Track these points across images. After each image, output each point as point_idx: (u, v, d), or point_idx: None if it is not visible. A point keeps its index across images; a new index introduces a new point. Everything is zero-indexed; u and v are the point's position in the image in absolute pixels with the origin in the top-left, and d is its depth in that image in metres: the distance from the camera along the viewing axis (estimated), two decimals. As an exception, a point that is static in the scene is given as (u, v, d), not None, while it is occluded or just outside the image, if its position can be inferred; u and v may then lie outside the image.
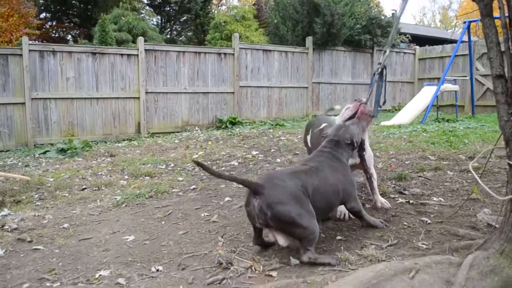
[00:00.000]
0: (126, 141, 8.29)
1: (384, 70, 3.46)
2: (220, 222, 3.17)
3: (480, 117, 9.61)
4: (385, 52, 3.57)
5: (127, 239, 2.90)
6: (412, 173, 4.30)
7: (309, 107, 11.39)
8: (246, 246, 2.68)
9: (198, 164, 2.38)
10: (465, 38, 9.09)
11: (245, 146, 6.89)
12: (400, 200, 3.39)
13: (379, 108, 3.49)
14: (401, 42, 12.93)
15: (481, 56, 12.17)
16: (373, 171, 3.24)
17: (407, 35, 13.62)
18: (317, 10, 10.62)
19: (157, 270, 2.34)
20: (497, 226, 2.50)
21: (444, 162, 4.74)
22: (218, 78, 9.70)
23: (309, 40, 10.96)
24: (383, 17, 12.13)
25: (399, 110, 12.72)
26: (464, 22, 8.90)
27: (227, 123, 9.44)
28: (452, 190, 3.60)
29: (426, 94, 9.11)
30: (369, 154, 3.24)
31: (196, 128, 9.24)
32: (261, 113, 10.57)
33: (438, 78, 12.95)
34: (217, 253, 2.56)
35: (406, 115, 8.75)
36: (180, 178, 4.70)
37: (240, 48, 9.85)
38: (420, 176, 4.13)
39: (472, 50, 9.12)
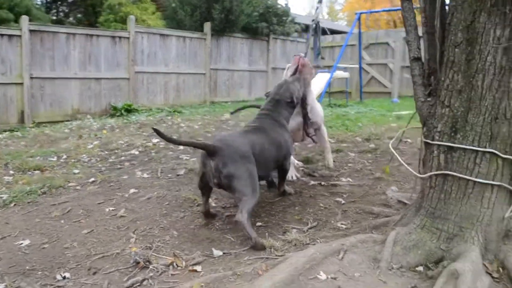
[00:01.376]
0: (7, 132, 7.29)
1: (317, 25, 3.64)
2: (128, 217, 2.89)
3: (367, 103, 10.34)
4: (317, 8, 3.74)
5: (22, 244, 2.48)
6: (317, 156, 4.39)
7: (207, 94, 11.19)
8: (162, 240, 2.46)
9: (155, 130, 2.39)
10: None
11: (144, 134, 6.49)
12: (312, 182, 3.42)
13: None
14: (295, 31, 13.34)
15: (367, 46, 13.12)
16: (323, 127, 3.34)
17: (301, 24, 14.09)
18: (215, -5, 10.42)
19: (64, 278, 2.02)
20: (408, 202, 2.64)
21: (344, 144, 4.95)
22: (112, 63, 9.00)
23: (207, 26, 10.72)
24: (279, 6, 12.36)
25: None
26: (356, 14, 9.44)
27: (122, 111, 8.84)
28: (356, 170, 3.74)
29: (320, 81, 9.50)
30: (316, 108, 3.34)
31: (88, 116, 8.49)
32: (158, 99, 10.11)
33: (329, 66, 13.70)
34: (131, 251, 2.31)
35: (303, 101, 9.05)
36: (76, 171, 4.22)
37: (136, 31, 9.25)
38: (335, 161, 4.24)
39: (361, 41, 9.72)
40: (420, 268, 1.88)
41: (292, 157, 3.68)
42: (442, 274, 1.70)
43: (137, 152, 5.11)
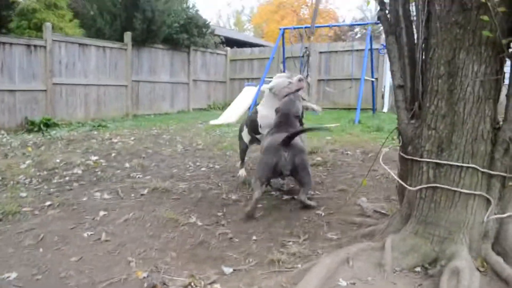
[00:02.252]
0: None
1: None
2: (113, 241, 2.85)
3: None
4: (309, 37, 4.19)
5: (9, 277, 2.34)
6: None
7: (129, 107, 10.93)
8: (164, 262, 2.51)
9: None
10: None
11: (78, 151, 6.21)
12: (285, 196, 3.66)
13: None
14: (215, 43, 13.57)
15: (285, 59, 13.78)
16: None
17: (220, 37, 14.36)
18: (136, 4, 10.24)
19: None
20: (384, 212, 3.00)
21: None
22: (27, 73, 8.39)
23: (127, 35, 10.48)
24: (200, 18, 12.50)
25: (214, 108, 13.42)
26: (280, 29, 9.96)
27: (41, 125, 8.30)
28: (318, 183, 4.06)
29: (247, 94, 9.84)
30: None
31: (2, 131, 7.82)
32: (78, 113, 9.64)
33: (248, 79, 14.14)
34: (137, 275, 2.32)
35: (232, 114, 9.28)
36: (23, 194, 3.97)
37: (53, 40, 8.73)
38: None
39: (285, 54, 10.27)
40: (418, 269, 2.20)
41: None
42: (444, 272, 2.03)
43: (80, 171, 4.92)
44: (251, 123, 4.17)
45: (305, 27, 9.39)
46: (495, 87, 2.16)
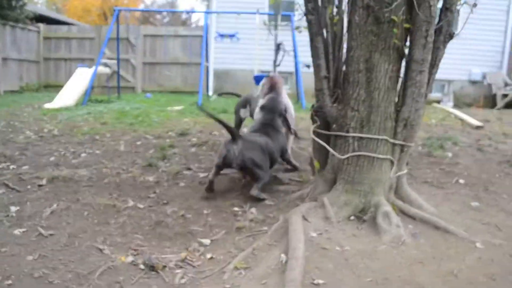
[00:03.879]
0: None
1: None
2: (60, 233, 2.65)
3: (125, 98, 10.56)
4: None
5: None
6: (165, 152, 4.68)
7: None
8: (137, 244, 2.52)
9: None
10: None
11: None
12: (202, 174, 3.87)
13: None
14: (27, 17, 11.88)
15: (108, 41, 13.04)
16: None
17: (36, 13, 12.62)
18: None
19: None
20: (299, 179, 3.57)
21: (168, 140, 5.36)
22: None
23: None
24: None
25: (28, 90, 11.88)
26: (115, 10, 9.46)
27: None
28: (212, 161, 4.36)
29: (81, 76, 9.14)
30: (291, 113, 3.95)
31: None
32: None
33: (65, 59, 12.92)
34: (123, 260, 2.32)
35: (69, 97, 8.51)
36: None
37: None
38: (175, 153, 4.64)
39: (119, 35, 9.83)
40: (353, 218, 2.84)
41: None
42: (378, 215, 2.70)
43: None
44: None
45: (142, 10, 9.18)
46: (396, 80, 2.91)
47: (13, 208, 3.02)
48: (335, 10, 3.02)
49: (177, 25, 24.26)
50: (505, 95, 10.69)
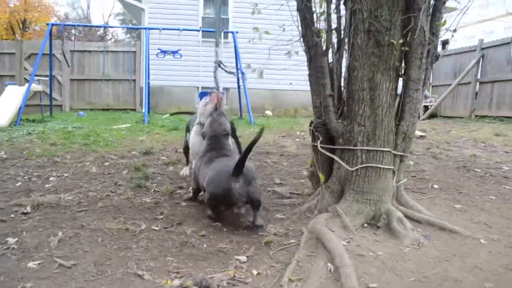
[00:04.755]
0: None
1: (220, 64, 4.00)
2: (82, 263, 2.44)
3: (57, 117, 9.86)
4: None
5: None
6: (143, 172, 4.50)
7: None
8: (175, 267, 2.42)
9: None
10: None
11: None
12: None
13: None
14: None
15: (28, 56, 12.15)
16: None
17: None
18: None
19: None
20: (299, 193, 3.67)
21: (136, 159, 5.16)
22: None
23: None
24: None
25: None
26: (48, 24, 8.85)
27: None
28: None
29: (12, 94, 8.37)
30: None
31: None
32: None
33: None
34: (169, 284, 2.23)
35: (2, 116, 7.74)
36: None
37: None
38: (154, 173, 4.48)
39: (52, 51, 9.19)
40: (366, 225, 3.01)
41: None
42: (392, 220, 2.90)
43: None
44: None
45: (77, 25, 8.73)
46: (395, 98, 3.18)
47: (11, 240, 2.71)
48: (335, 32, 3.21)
49: (95, 40, 23.20)
50: (426, 107, 11.87)
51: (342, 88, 3.30)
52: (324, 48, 3.20)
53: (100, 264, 2.43)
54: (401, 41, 3.02)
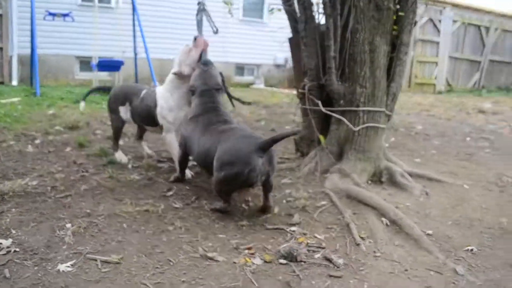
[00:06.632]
0: None
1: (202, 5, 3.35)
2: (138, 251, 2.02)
3: None
4: None
5: None
6: (91, 147, 3.82)
7: None
8: (239, 243, 2.17)
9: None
10: None
11: None
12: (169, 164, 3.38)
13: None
14: None
15: None
16: None
17: None
18: None
19: None
20: (289, 157, 3.60)
21: (66, 135, 4.34)
22: None
23: None
24: None
25: None
26: None
27: None
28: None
29: None
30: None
31: None
32: None
33: None
34: (247, 261, 2.01)
35: None
36: None
37: None
38: (110, 149, 3.85)
39: None
40: (369, 182, 3.12)
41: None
42: (396, 175, 3.06)
43: None
44: (145, 109, 3.19)
45: None
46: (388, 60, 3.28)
47: (4, 242, 2.06)
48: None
49: None
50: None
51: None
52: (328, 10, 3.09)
53: (150, 253, 2.03)
54: (397, 6, 3.12)
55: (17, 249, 2.01)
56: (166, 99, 3.07)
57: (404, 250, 2.16)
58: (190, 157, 2.89)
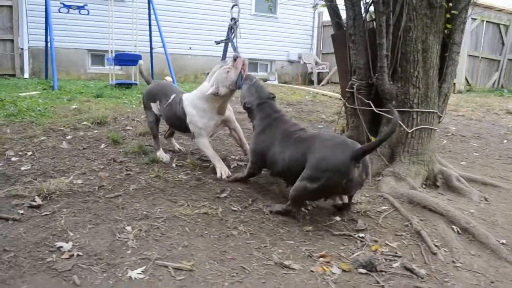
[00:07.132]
0: None
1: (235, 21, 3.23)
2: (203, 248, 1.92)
3: None
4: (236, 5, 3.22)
5: None
6: (128, 144, 3.72)
7: None
8: (307, 248, 2.07)
9: None
10: None
11: None
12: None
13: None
14: None
15: None
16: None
17: None
18: None
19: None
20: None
21: (96, 131, 4.24)
22: None
23: None
24: None
25: None
26: None
27: None
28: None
29: None
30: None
31: None
32: None
33: None
34: (324, 270, 1.91)
35: None
36: None
37: None
38: (148, 146, 3.74)
39: None
40: (424, 185, 3.01)
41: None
42: (451, 179, 2.96)
43: None
44: (173, 117, 3.24)
45: None
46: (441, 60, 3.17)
47: (65, 245, 1.96)
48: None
49: None
50: (318, 73, 12.46)
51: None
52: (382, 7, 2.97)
53: (221, 260, 1.92)
54: (450, 4, 3.01)
55: (80, 253, 1.91)
56: (196, 106, 3.09)
57: (482, 261, 2.05)
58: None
